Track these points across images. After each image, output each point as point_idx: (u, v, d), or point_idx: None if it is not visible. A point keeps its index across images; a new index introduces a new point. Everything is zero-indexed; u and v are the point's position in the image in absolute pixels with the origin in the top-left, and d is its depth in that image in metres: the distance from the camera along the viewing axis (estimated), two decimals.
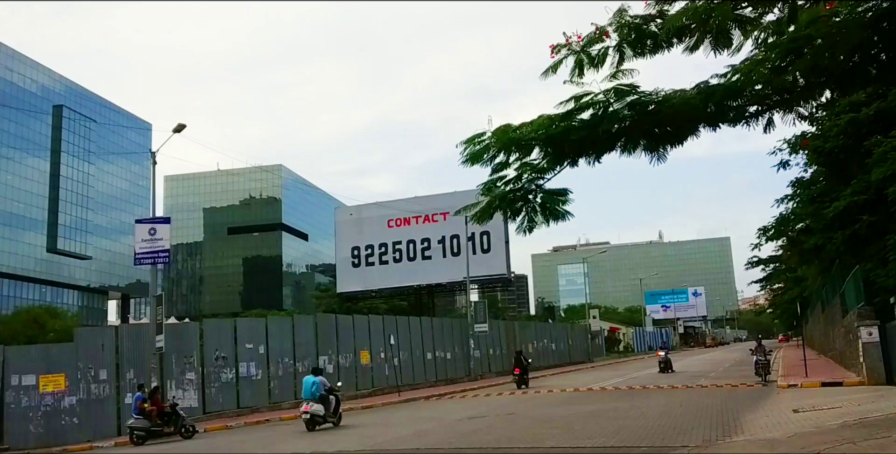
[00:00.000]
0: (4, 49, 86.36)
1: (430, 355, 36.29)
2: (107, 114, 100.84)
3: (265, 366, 26.23)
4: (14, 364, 23.15)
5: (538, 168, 8.41)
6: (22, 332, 51.61)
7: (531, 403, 22.64)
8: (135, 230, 24.75)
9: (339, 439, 16.06)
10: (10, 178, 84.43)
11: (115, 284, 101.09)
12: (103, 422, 22.92)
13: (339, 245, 53.33)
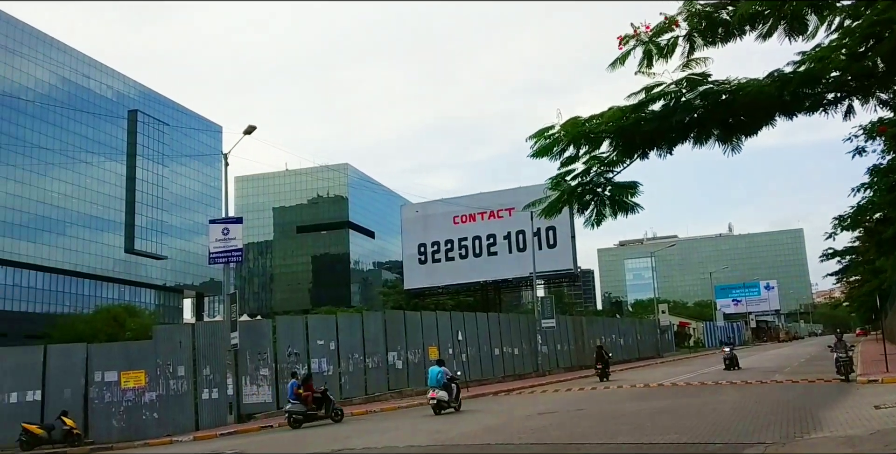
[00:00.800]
0: (81, 57, 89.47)
1: (498, 351, 36.24)
2: (179, 117, 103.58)
3: (336, 362, 26.59)
4: (97, 361, 24.06)
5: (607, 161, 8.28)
6: (103, 330, 53.31)
7: (600, 399, 22.41)
8: (209, 230, 25.37)
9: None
10: (89, 181, 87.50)
11: (189, 283, 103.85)
12: (182, 416, 23.59)
13: (406, 242, 53.70)
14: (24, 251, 77.76)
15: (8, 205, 76.24)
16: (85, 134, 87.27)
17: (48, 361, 23.94)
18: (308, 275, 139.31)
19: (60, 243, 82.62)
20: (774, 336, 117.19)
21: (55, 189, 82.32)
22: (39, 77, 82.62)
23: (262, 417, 23.64)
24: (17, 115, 78.31)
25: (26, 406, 23.27)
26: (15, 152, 76.52)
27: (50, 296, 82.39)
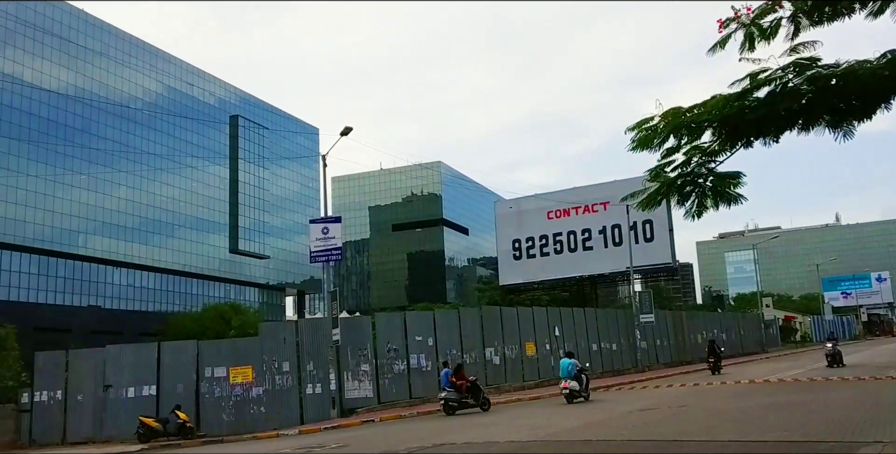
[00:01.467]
0: (185, 66, 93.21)
1: (596, 346, 35.86)
2: (277, 121, 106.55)
3: (434, 358, 26.85)
4: (207, 357, 25.06)
5: (709, 151, 8.07)
6: (211, 328, 55.28)
7: (703, 395, 21.88)
8: (309, 230, 26.02)
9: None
10: (195, 185, 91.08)
11: (290, 281, 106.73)
12: (287, 411, 24.30)
13: (500, 238, 53.69)
14: (137, 253, 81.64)
15: (121, 209, 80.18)
16: (190, 139, 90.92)
17: (162, 358, 25.10)
18: (404, 273, 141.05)
19: (170, 245, 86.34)
20: (888, 330, 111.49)
21: (164, 193, 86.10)
22: (147, 87, 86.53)
23: (364, 412, 24.11)
24: (128, 123, 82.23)
25: (142, 400, 24.47)
26: (126, 159, 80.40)
27: (161, 295, 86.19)
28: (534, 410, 20.86)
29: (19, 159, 69.82)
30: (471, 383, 21.94)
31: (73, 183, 74.52)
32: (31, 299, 69.48)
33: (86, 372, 25.38)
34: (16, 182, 68.70)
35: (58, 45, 75.33)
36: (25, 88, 71.01)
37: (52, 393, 25.32)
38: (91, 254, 76.53)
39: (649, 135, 8.04)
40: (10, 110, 69.61)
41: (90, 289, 77.29)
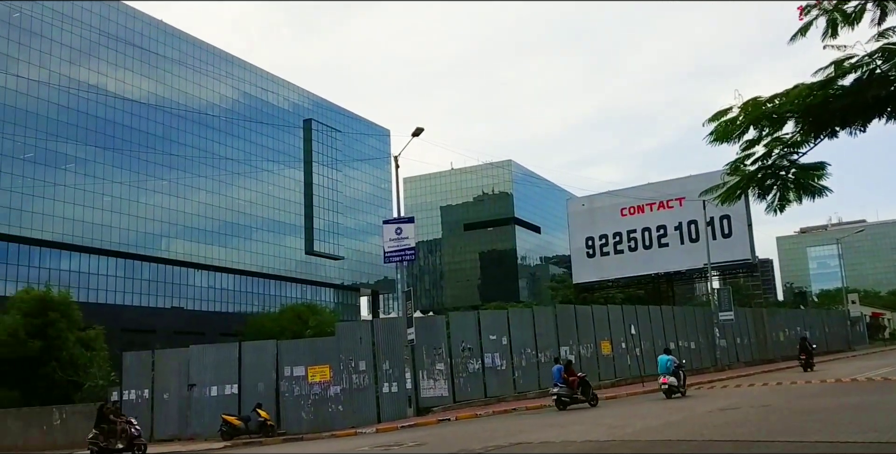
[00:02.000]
0: (260, 72, 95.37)
1: (673, 345, 35.14)
2: (349, 123, 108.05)
3: (509, 357, 26.79)
4: (286, 356, 25.57)
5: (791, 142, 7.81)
6: (288, 328, 56.26)
7: (787, 394, 21.24)
8: (382, 230, 26.28)
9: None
10: (271, 188, 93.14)
11: (364, 282, 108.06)
12: (365, 409, 24.59)
13: (573, 236, 53.20)
14: (217, 255, 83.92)
15: (200, 213, 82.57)
16: (265, 144, 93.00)
17: (243, 357, 25.73)
18: (476, 272, 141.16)
19: (248, 247, 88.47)
20: None
21: (241, 197, 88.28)
22: (224, 93, 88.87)
23: (440, 410, 24.20)
24: (206, 129, 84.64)
25: (225, 399, 25.12)
26: (205, 164, 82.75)
27: (240, 296, 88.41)
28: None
29: (104, 166, 72.60)
30: (581, 379, 22.30)
31: (155, 188, 77.07)
32: (117, 301, 72.15)
33: (171, 371, 26.21)
34: (101, 188, 71.44)
35: (139, 56, 78.02)
36: (109, 98, 73.78)
37: (139, 391, 26.23)
38: (173, 257, 79.03)
39: (728, 127, 7.83)
40: (94, 119, 72.42)
41: (173, 291, 79.83)
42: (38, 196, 66.21)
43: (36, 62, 68.15)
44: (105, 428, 19.91)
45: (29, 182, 65.71)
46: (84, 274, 70.66)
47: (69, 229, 68.72)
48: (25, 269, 65.34)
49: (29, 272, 64.62)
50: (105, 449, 19.74)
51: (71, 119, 70.32)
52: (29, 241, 66.27)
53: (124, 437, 19.71)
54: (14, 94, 65.85)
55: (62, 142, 68.99)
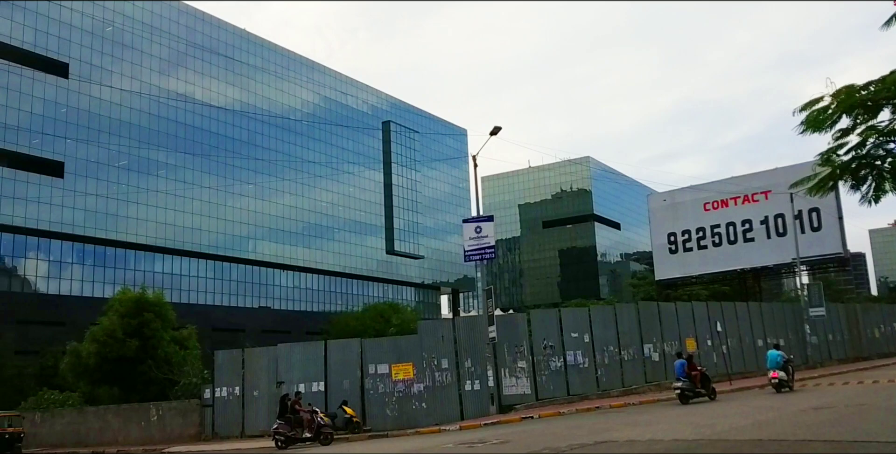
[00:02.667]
0: (339, 76, 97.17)
1: (761, 342, 34.28)
2: (427, 124, 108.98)
3: (591, 355, 26.65)
4: (370, 354, 26.07)
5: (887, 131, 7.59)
6: (371, 326, 57.06)
7: (883, 393, 20.50)
8: (462, 229, 26.50)
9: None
10: (352, 189, 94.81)
11: (444, 280, 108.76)
12: (447, 407, 24.86)
13: (655, 232, 52.35)
14: (301, 256, 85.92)
15: (285, 215, 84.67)
16: (346, 146, 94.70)
17: (329, 355, 26.35)
18: (556, 269, 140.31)
19: (330, 248, 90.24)
20: None
21: (323, 198, 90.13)
22: (305, 98, 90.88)
23: (522, 408, 24.28)
24: (288, 134, 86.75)
25: (312, 396, 25.75)
26: (288, 167, 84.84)
27: (324, 295, 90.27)
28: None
29: (193, 172, 75.24)
30: (702, 374, 22.73)
31: (241, 192, 79.46)
32: (208, 302, 74.65)
33: (260, 369, 27.04)
34: (191, 193, 74.08)
35: (224, 64, 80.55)
36: (197, 106, 76.46)
37: (230, 389, 27.15)
38: (260, 258, 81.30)
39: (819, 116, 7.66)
40: (184, 127, 75.14)
41: (260, 291, 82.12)
42: (132, 202, 69.14)
43: (128, 74, 71.14)
44: (291, 418, 20.63)
45: (124, 188, 68.68)
46: (177, 275, 73.41)
47: (162, 233, 71.52)
48: (122, 272, 68.34)
49: (125, 274, 67.57)
50: (292, 438, 20.47)
51: (162, 127, 73.16)
52: (125, 245, 69.27)
53: (312, 427, 20.41)
54: (109, 105, 68.93)
55: (154, 149, 71.84)
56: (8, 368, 49.54)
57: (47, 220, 63.27)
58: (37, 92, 64.12)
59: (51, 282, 65.21)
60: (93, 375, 34.18)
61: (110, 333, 33.38)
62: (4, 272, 63.87)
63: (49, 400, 33.92)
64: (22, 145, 62.48)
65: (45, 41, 65.27)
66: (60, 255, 66.20)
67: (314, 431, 20.58)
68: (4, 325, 54.31)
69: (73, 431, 30.83)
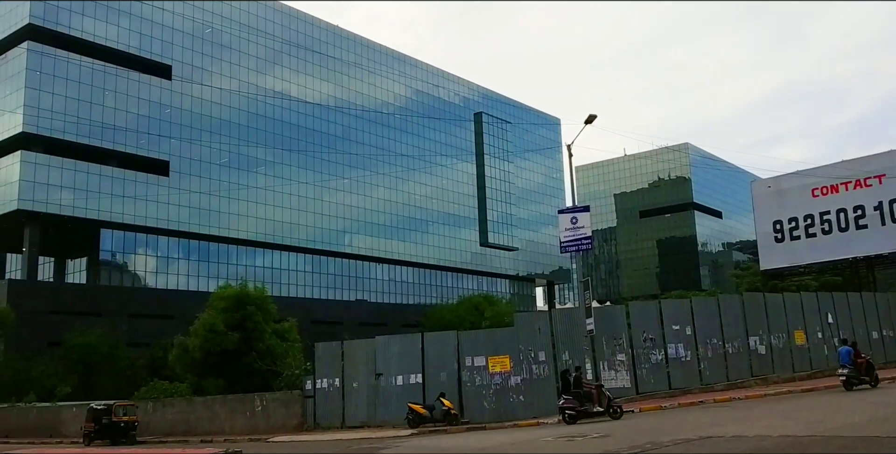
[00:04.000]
0: (430, 68, 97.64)
1: (877, 334, 32.51)
2: (519, 114, 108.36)
3: (693, 348, 25.85)
4: (466, 347, 26.02)
5: None
6: (466, 319, 57.25)
7: None
8: (558, 220, 26.08)
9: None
10: (445, 182, 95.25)
11: (539, 272, 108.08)
12: (545, 400, 24.55)
13: (759, 220, 50.37)
14: (396, 249, 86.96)
15: (379, 209, 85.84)
16: (438, 139, 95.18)
17: (425, 348, 26.44)
18: (654, 260, 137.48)
19: (425, 240, 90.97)
20: None
21: (417, 192, 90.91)
22: (397, 91, 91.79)
23: (622, 402, 23.77)
24: (382, 128, 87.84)
25: (410, 388, 25.93)
26: (382, 161, 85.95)
27: (419, 288, 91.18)
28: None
29: (290, 167, 77.14)
30: (867, 362, 22.71)
31: (337, 187, 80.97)
32: (307, 295, 76.49)
33: (359, 361, 27.39)
34: (289, 189, 75.98)
35: (318, 61, 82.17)
36: (293, 103, 78.33)
37: (331, 380, 27.60)
38: (356, 251, 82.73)
39: None
40: (280, 124, 77.07)
41: (357, 284, 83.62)
42: (233, 198, 71.45)
43: (227, 73, 73.46)
44: (579, 393, 20.95)
45: (225, 185, 71.04)
46: (276, 269, 75.50)
47: (262, 228, 73.66)
48: (225, 267, 70.78)
49: (228, 269, 69.96)
50: (584, 412, 20.76)
51: (260, 124, 75.26)
52: (227, 240, 71.68)
53: (603, 400, 20.71)
54: (209, 105, 71.38)
55: (252, 146, 74.01)
56: (121, 360, 51.99)
57: (154, 218, 66.08)
58: (142, 94, 66.98)
59: (159, 277, 68.18)
60: (199, 367, 35.42)
61: (213, 327, 34.47)
62: (116, 268, 67.15)
63: (159, 390, 35.34)
64: (130, 146, 65.40)
65: (150, 44, 68.06)
66: (168, 251, 69.09)
67: (605, 405, 20.52)
68: (117, 319, 57.01)
69: (183, 420, 32.02)
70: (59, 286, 66.70)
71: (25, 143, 60.80)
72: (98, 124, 63.27)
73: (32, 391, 44.74)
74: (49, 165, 61.03)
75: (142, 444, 28.71)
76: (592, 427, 18.78)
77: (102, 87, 64.37)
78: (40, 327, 54.66)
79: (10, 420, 40.26)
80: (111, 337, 52.46)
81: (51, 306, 57.37)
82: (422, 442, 20.33)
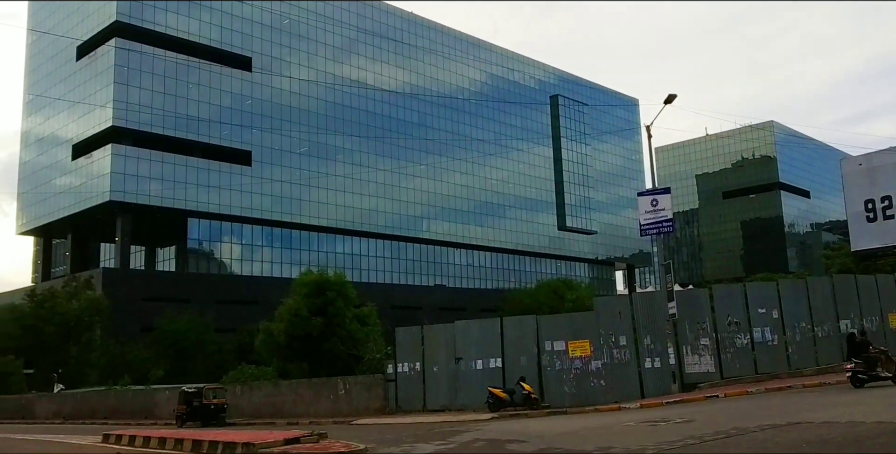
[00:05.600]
0: (505, 53, 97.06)
1: None
2: (596, 96, 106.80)
3: (780, 332, 25.09)
4: (545, 331, 25.90)
5: None
6: (545, 303, 56.92)
7: None
8: (637, 203, 25.63)
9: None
10: (522, 166, 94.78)
11: (619, 256, 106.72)
12: (626, 384, 24.28)
13: (850, 199, 48.19)
14: (474, 234, 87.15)
15: (457, 194, 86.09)
16: (514, 123, 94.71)
17: (504, 332, 26.43)
18: (738, 242, 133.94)
19: (502, 225, 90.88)
20: None
21: (494, 176, 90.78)
22: (472, 77, 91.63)
23: (706, 387, 23.30)
24: (457, 113, 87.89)
25: (489, 372, 25.99)
26: (458, 147, 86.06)
27: (497, 273, 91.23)
28: None
29: (368, 155, 78.04)
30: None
31: (414, 173, 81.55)
32: (386, 280, 77.51)
33: (439, 345, 27.59)
34: (367, 176, 76.90)
35: (393, 48, 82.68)
36: (369, 91, 79.08)
37: (411, 364, 27.91)
38: (434, 237, 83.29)
39: None
40: (357, 112, 77.97)
41: (435, 269, 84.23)
42: (313, 186, 72.81)
43: (305, 63, 74.66)
44: (866, 356, 21.15)
45: (305, 173, 72.43)
46: (356, 256, 76.70)
47: (341, 215, 74.87)
48: (306, 253, 72.32)
49: (309, 256, 71.47)
50: (873, 376, 20.94)
51: (337, 113, 76.32)
52: (308, 228, 73.16)
53: (890, 366, 20.86)
54: (288, 95, 72.76)
55: (331, 135, 75.16)
56: (209, 345, 53.82)
57: (238, 206, 67.93)
58: (224, 86, 68.74)
59: (244, 264, 70.17)
60: (283, 352, 36.32)
61: (296, 312, 35.24)
62: (203, 256, 69.37)
63: (247, 374, 36.44)
64: (213, 137, 67.31)
65: (230, 37, 69.72)
66: (251, 239, 70.98)
67: (892, 371, 20.53)
68: (205, 305, 58.93)
69: (269, 403, 32.93)
70: (150, 274, 69.44)
71: (115, 137, 63.24)
72: (182, 116, 65.32)
73: (128, 374, 46.82)
74: (138, 157, 63.36)
75: (231, 426, 29.60)
76: (676, 411, 18.48)
77: (186, 81, 66.35)
78: (133, 313, 57.00)
79: (107, 402, 42.20)
80: (200, 322, 54.35)
81: (143, 293, 59.73)
82: (503, 425, 20.35)
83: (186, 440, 18.65)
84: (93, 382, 50.18)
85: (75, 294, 55.42)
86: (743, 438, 12.23)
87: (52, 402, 47.98)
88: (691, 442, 12.17)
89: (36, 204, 71.78)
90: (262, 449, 16.06)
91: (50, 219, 69.56)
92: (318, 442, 17.09)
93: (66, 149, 68.15)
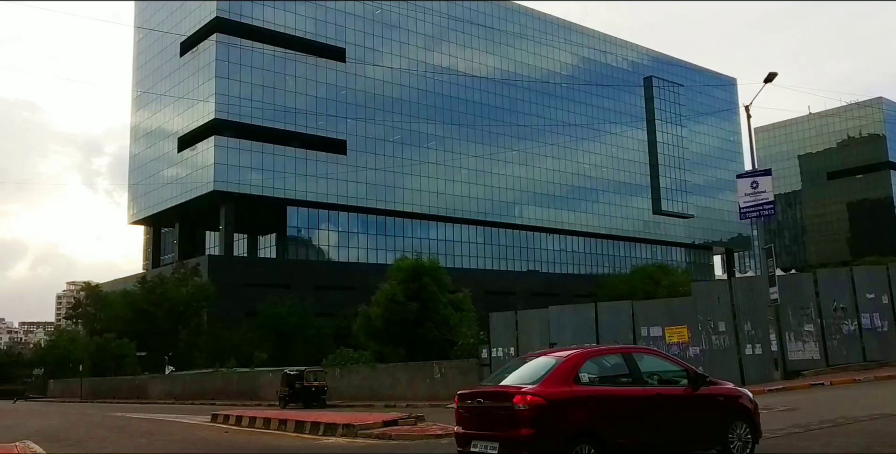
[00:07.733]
0: (597, 35, 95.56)
1: None
2: (691, 76, 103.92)
3: (891, 317, 24.12)
4: (641, 317, 25.66)
5: None
6: (640, 288, 56.17)
7: None
8: (737, 185, 25.01)
9: None
10: (615, 149, 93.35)
11: (716, 240, 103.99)
12: (726, 371, 23.75)
13: None
14: (566, 219, 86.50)
15: (549, 179, 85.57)
16: (607, 106, 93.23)
17: (599, 318, 26.31)
18: (844, 224, 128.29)
19: (595, 210, 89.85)
20: None
21: (586, 161, 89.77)
22: (564, 60, 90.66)
23: (811, 374, 22.68)
24: (549, 98, 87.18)
25: None
26: (550, 132, 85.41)
27: (590, 258, 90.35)
28: None
29: (460, 142, 78.40)
30: None
31: (506, 159, 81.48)
32: (479, 266, 77.87)
33: (533, 330, 27.69)
34: (459, 162, 77.30)
35: (484, 34, 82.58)
36: (460, 78, 79.33)
37: (506, 349, 28.10)
38: (526, 223, 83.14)
39: None
40: (448, 99, 78.37)
41: (528, 255, 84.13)
42: (406, 173, 73.79)
43: (397, 52, 75.51)
44: None
45: (399, 161, 73.46)
46: (449, 242, 77.37)
47: (434, 202, 75.61)
48: (401, 240, 73.40)
49: (404, 242, 72.50)
50: None
51: (429, 101, 76.95)
52: (402, 214, 74.23)
53: None
54: (381, 84, 73.78)
55: (423, 122, 75.85)
56: (309, 329, 55.47)
57: (335, 195, 69.53)
58: (319, 77, 70.30)
59: (341, 251, 71.86)
60: (380, 336, 37.12)
61: (392, 297, 35.92)
62: (302, 243, 71.39)
63: (346, 357, 37.43)
64: (310, 127, 69.02)
65: (325, 29, 71.17)
66: (347, 226, 72.56)
67: None
68: (305, 290, 60.69)
69: (367, 386, 33.80)
70: (252, 260, 71.98)
71: (217, 129, 65.66)
72: (280, 108, 67.21)
73: (233, 357, 48.82)
74: (239, 149, 65.64)
75: (332, 408, 30.54)
76: (779, 399, 18.09)
77: (283, 73, 68.19)
78: (237, 298, 59.26)
79: (215, 383, 44.16)
80: (300, 307, 56.08)
81: (246, 279, 61.98)
82: None
83: (290, 421, 19.40)
84: (200, 365, 52.58)
85: (183, 280, 58.12)
86: (851, 427, 11.95)
87: (164, 383, 50.57)
88: (796, 430, 11.95)
89: (145, 195, 75.35)
90: (362, 430, 16.56)
91: (158, 208, 72.89)
92: (415, 424, 17.49)
93: (172, 141, 71.15)
